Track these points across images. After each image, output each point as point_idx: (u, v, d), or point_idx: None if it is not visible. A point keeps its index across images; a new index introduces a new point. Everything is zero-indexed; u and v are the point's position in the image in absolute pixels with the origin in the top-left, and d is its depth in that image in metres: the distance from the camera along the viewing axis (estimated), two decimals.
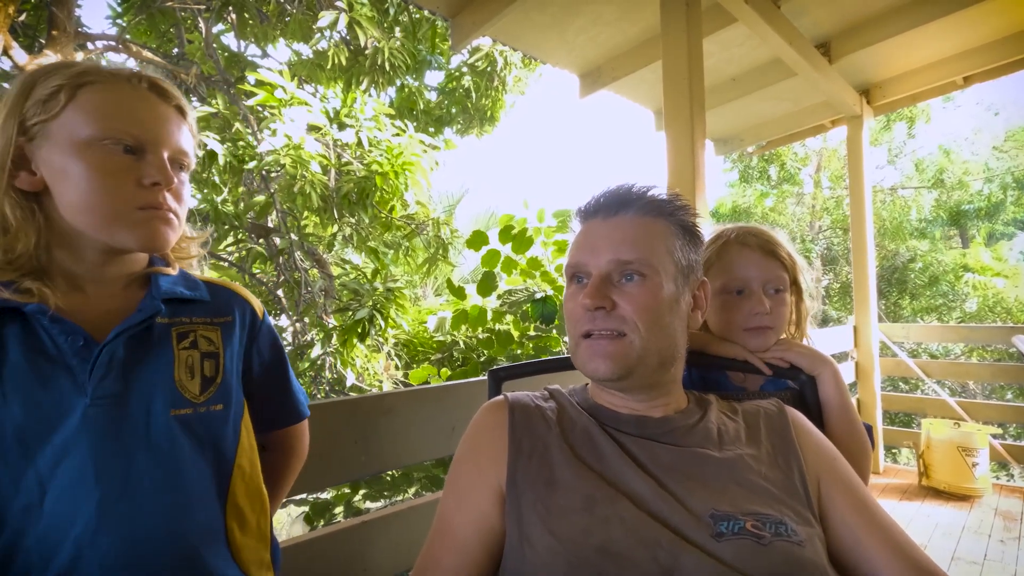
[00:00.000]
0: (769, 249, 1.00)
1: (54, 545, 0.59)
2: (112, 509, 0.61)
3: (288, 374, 0.87)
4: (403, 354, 4.61)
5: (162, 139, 0.69)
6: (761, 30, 2.25)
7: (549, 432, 0.73)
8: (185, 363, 0.70)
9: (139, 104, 0.68)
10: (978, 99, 14.31)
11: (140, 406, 0.65)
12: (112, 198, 0.65)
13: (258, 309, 0.83)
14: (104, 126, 0.65)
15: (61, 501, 0.59)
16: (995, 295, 8.97)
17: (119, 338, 0.65)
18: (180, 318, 0.72)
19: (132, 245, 0.68)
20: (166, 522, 0.64)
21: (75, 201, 0.65)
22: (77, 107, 0.65)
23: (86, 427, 0.61)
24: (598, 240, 0.74)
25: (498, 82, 5.93)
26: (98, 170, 0.64)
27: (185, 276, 0.78)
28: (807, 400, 0.94)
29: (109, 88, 0.67)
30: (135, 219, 0.66)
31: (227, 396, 0.73)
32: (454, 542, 0.68)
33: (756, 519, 0.62)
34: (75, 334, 0.63)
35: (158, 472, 0.64)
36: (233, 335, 0.77)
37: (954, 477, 3.19)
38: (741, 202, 11.66)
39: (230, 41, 5.32)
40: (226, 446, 0.72)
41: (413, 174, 4.16)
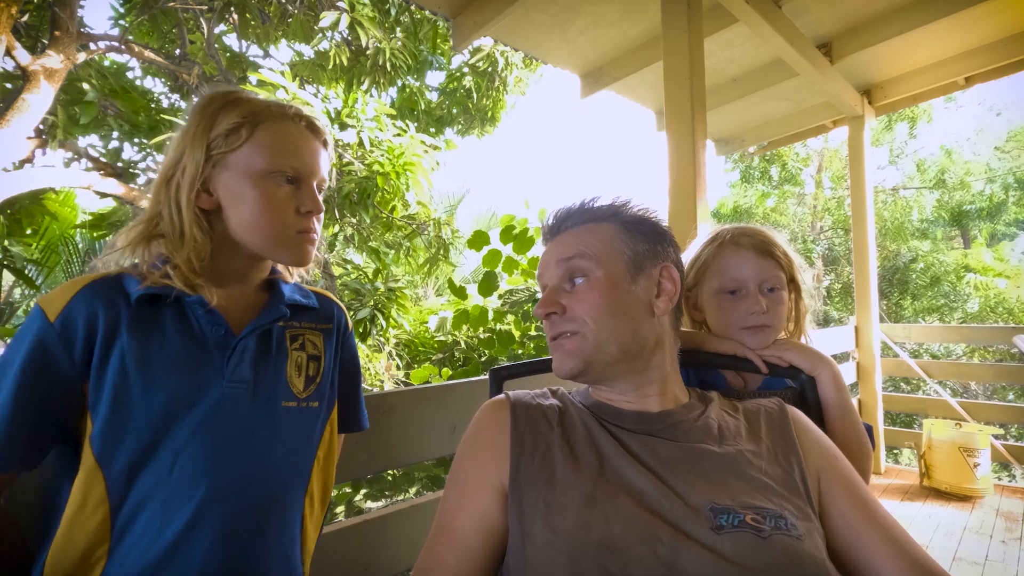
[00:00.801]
0: (764, 249, 1.00)
1: (176, 506, 0.68)
2: (231, 480, 0.71)
3: (359, 385, 0.98)
4: (404, 354, 4.62)
5: (314, 171, 0.81)
6: (762, 30, 2.25)
7: (551, 431, 0.74)
8: (295, 362, 0.82)
9: (300, 141, 0.80)
10: (980, 99, 14.33)
11: (262, 394, 0.76)
12: (278, 222, 0.78)
13: (348, 322, 0.95)
14: (275, 161, 0.77)
15: (190, 467, 0.69)
16: (997, 295, 8.96)
17: (252, 333, 0.77)
18: (293, 322, 0.84)
19: (287, 261, 0.82)
20: (269, 498, 0.75)
21: (246, 221, 0.77)
22: (254, 143, 0.76)
23: (220, 406, 0.72)
24: (548, 257, 0.81)
25: (499, 82, 5.94)
26: (269, 198, 0.77)
27: (299, 285, 0.90)
28: (807, 400, 0.94)
29: (279, 127, 0.79)
30: (294, 240, 0.79)
31: (322, 395, 0.84)
32: (456, 541, 0.68)
33: (756, 513, 0.63)
34: (219, 324, 0.75)
35: (267, 453, 0.75)
36: (332, 341, 0.88)
37: (955, 478, 3.18)
38: (742, 202, 11.66)
39: (232, 41, 5.33)
40: (314, 438, 0.83)
41: (414, 174, 4.16)
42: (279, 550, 0.76)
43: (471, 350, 3.88)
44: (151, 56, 4.73)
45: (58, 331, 0.67)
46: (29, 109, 3.94)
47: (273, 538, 0.75)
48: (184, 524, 0.67)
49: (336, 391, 0.89)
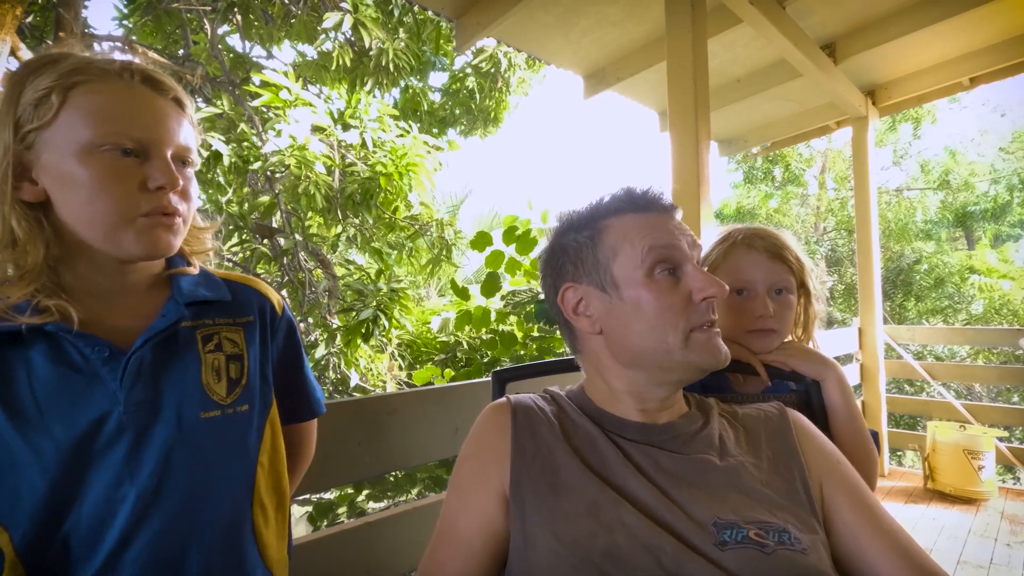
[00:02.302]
0: (776, 252, 0.99)
1: (94, 544, 0.61)
2: (148, 509, 0.63)
3: (303, 370, 0.88)
4: (407, 355, 4.62)
5: (164, 138, 0.65)
6: (766, 31, 2.25)
7: (552, 435, 0.73)
8: (211, 366, 0.71)
9: (135, 102, 0.64)
10: (984, 100, 14.29)
11: (171, 410, 0.66)
12: (117, 206, 0.62)
13: (277, 305, 0.83)
14: (101, 130, 0.61)
15: (100, 503, 0.61)
16: (1001, 297, 8.91)
17: (146, 345, 0.66)
18: (204, 320, 0.72)
19: (136, 254, 0.65)
20: (200, 520, 0.66)
21: (77, 212, 0.63)
22: (71, 110, 0.61)
23: (120, 432, 0.62)
24: (677, 232, 0.74)
25: (502, 83, 5.94)
26: (100, 178, 0.61)
27: (206, 275, 0.77)
28: (812, 404, 0.94)
29: (102, 87, 0.63)
30: (139, 227, 0.64)
31: (252, 396, 0.74)
32: (458, 544, 0.68)
33: (759, 527, 0.62)
34: (99, 345, 0.63)
35: (191, 473, 0.66)
36: (255, 334, 0.77)
37: (960, 480, 3.17)
38: (745, 203, 11.64)
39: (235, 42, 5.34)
40: (251, 444, 0.74)
41: (417, 175, 4.16)
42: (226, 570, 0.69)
43: (473, 351, 3.87)
44: (155, 57, 4.74)
45: None
46: None
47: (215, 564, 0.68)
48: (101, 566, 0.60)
49: (271, 385, 0.79)
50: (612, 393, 0.77)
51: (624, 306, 0.72)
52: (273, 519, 0.76)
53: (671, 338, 0.70)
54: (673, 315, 0.70)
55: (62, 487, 0.60)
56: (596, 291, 0.75)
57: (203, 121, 4.09)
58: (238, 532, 0.71)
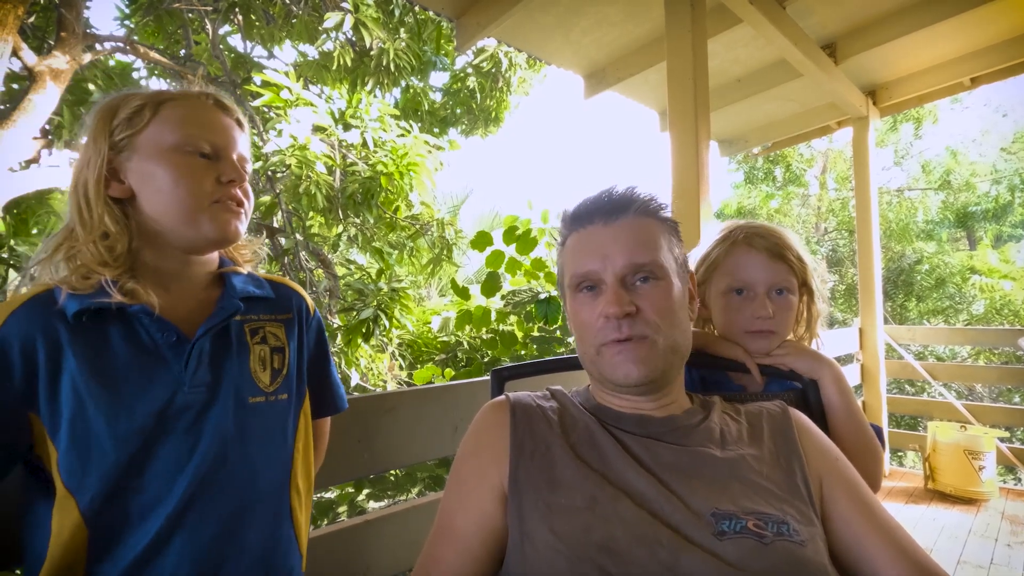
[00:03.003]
0: (777, 252, 0.98)
1: (152, 513, 0.67)
2: (203, 482, 0.69)
3: (329, 368, 0.95)
4: (407, 354, 4.62)
5: (231, 145, 0.78)
6: (766, 31, 2.25)
7: (551, 432, 0.73)
8: (259, 356, 0.79)
9: (211, 116, 0.78)
10: (986, 100, 14.22)
11: (227, 394, 0.74)
12: (195, 193, 0.73)
13: (310, 305, 0.92)
14: (185, 134, 0.74)
15: (161, 474, 0.68)
16: (1002, 297, 8.90)
17: (207, 334, 0.74)
18: (251, 315, 0.81)
19: (210, 235, 0.75)
20: (248, 497, 0.73)
21: (161, 200, 0.73)
22: (160, 120, 0.74)
23: (183, 411, 0.70)
24: (605, 245, 0.73)
25: (502, 83, 5.94)
26: (182, 171, 0.73)
27: (253, 276, 0.86)
28: (810, 402, 0.94)
29: (185, 103, 0.76)
30: (212, 211, 0.74)
31: (291, 386, 0.82)
32: (456, 541, 0.68)
33: (758, 518, 0.62)
34: (169, 330, 0.71)
35: (240, 451, 0.73)
36: (293, 330, 0.86)
37: (960, 480, 3.17)
38: (746, 203, 11.62)
39: (236, 42, 5.35)
40: (288, 430, 0.81)
41: (418, 175, 4.17)
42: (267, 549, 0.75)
43: (474, 351, 3.88)
44: (156, 57, 4.75)
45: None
46: (35, 110, 3.96)
47: (258, 539, 0.74)
48: (159, 529, 0.66)
49: (305, 379, 0.87)
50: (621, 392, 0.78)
51: (572, 322, 0.79)
52: (305, 503, 0.84)
53: (591, 351, 0.75)
54: (589, 332, 0.74)
55: (131, 458, 0.66)
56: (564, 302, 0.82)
57: None
58: (279, 511, 0.78)
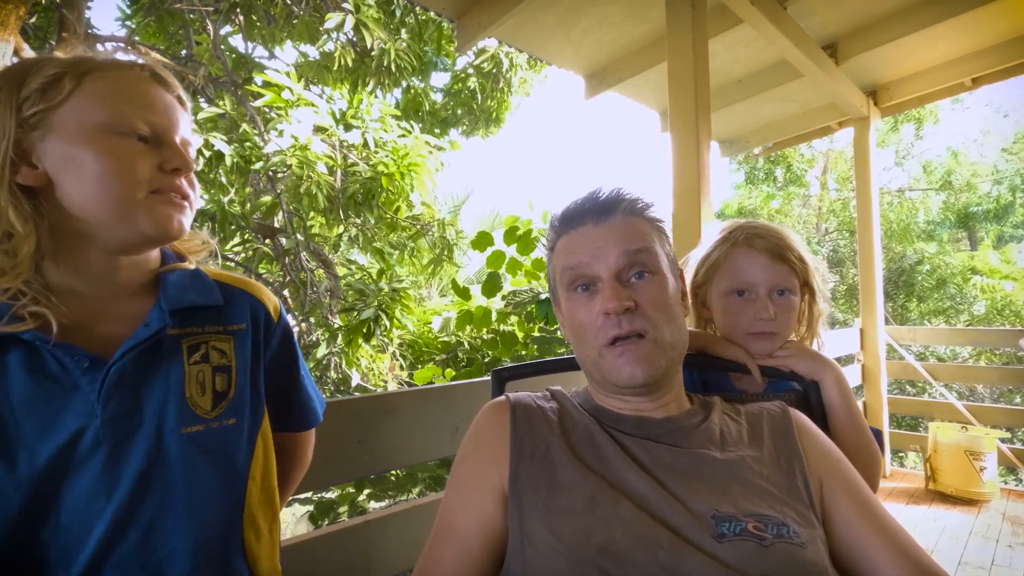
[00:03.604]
0: (778, 253, 0.98)
1: (72, 557, 0.59)
2: (124, 528, 0.60)
3: (299, 379, 0.84)
4: (408, 354, 4.62)
5: (174, 127, 0.67)
6: (767, 31, 2.24)
7: (551, 433, 0.73)
8: (196, 378, 0.67)
9: (149, 91, 0.65)
10: (987, 100, 14.21)
11: (151, 423, 0.63)
12: (129, 183, 0.62)
13: (273, 311, 0.79)
14: (118, 112, 0.62)
15: (76, 518, 0.59)
16: (1004, 298, 8.88)
17: (127, 355, 0.62)
18: (191, 328, 0.69)
19: (147, 232, 0.64)
20: (182, 538, 0.64)
21: (85, 190, 0.61)
22: (85, 94, 0.61)
23: (97, 447, 0.60)
24: (597, 243, 0.73)
25: (503, 83, 5.94)
26: (113, 156, 0.61)
27: (198, 276, 0.73)
28: (810, 403, 0.94)
29: (116, 75, 0.64)
30: (150, 204, 0.63)
31: (240, 409, 0.71)
32: (456, 542, 0.68)
33: (758, 520, 0.62)
34: (79, 356, 0.60)
35: (172, 489, 0.63)
36: (246, 343, 0.73)
37: (961, 481, 3.16)
38: (747, 204, 11.62)
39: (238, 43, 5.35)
40: (240, 458, 0.71)
41: (419, 175, 4.17)
42: None
43: (474, 351, 3.88)
44: (157, 57, 4.75)
45: None
46: None
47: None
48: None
49: (263, 397, 0.76)
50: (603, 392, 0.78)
51: (565, 321, 0.78)
52: (266, 533, 0.74)
53: (592, 353, 0.73)
54: (588, 332, 0.73)
55: (36, 501, 0.58)
56: (558, 306, 0.81)
57: (206, 121, 4.10)
58: (226, 549, 0.68)
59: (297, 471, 0.91)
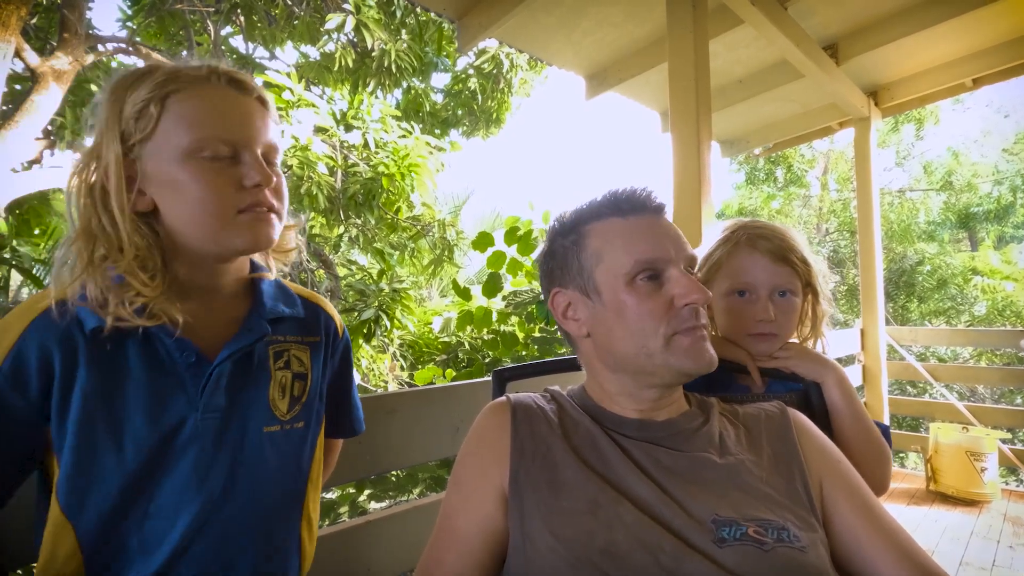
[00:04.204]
0: (780, 254, 0.97)
1: (153, 548, 0.62)
2: (209, 516, 0.65)
3: (352, 390, 0.91)
4: (408, 355, 4.63)
5: (253, 137, 0.68)
6: (768, 32, 2.24)
7: (552, 434, 0.73)
8: (279, 383, 0.73)
9: (225, 104, 0.67)
10: (988, 101, 14.25)
11: (239, 421, 0.69)
12: (217, 207, 0.65)
13: (340, 327, 0.86)
14: (199, 135, 0.64)
15: (166, 506, 0.63)
16: (1005, 298, 8.88)
17: (229, 358, 0.68)
18: (277, 336, 0.75)
19: (240, 248, 0.68)
20: (255, 531, 0.68)
21: (183, 214, 0.65)
22: (170, 118, 0.64)
23: (195, 438, 0.65)
24: (671, 235, 0.75)
25: (504, 84, 5.95)
26: (200, 180, 0.64)
27: (282, 288, 0.79)
28: (812, 404, 0.94)
29: (194, 92, 0.65)
30: (240, 223, 0.66)
31: (309, 414, 0.76)
32: (457, 542, 0.68)
33: (758, 525, 0.62)
34: (189, 351, 0.66)
35: (251, 483, 0.68)
36: (320, 354, 0.80)
37: (962, 482, 3.16)
38: (747, 204, 11.62)
39: (238, 43, 5.36)
40: (304, 460, 0.76)
41: (419, 175, 4.17)
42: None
43: (475, 351, 3.88)
44: (158, 58, 4.76)
45: (8, 375, 0.59)
46: (38, 110, 3.97)
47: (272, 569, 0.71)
48: (162, 564, 0.62)
49: (324, 405, 0.82)
50: (607, 393, 0.77)
51: (606, 311, 0.73)
52: (315, 532, 0.79)
53: (652, 342, 0.70)
54: (654, 320, 0.70)
55: (134, 485, 0.62)
56: (581, 296, 0.76)
57: None
58: (288, 544, 0.73)
59: (328, 473, 0.96)
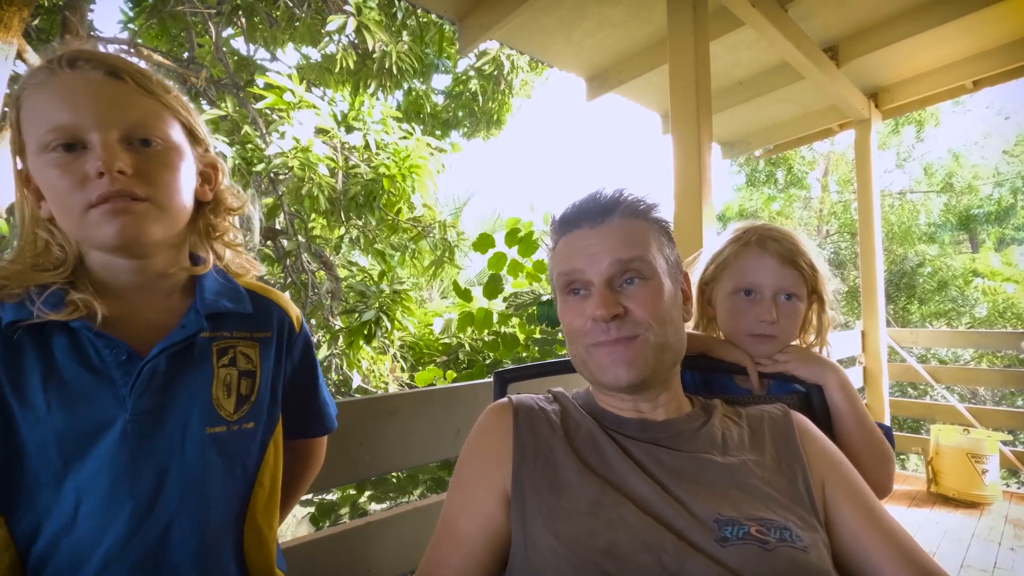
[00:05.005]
0: (789, 257, 0.97)
1: (84, 554, 0.60)
2: (142, 522, 0.61)
3: (317, 386, 0.87)
4: (409, 356, 4.62)
5: (98, 119, 0.60)
6: (768, 33, 2.25)
7: (553, 435, 0.73)
8: (223, 381, 0.69)
9: (62, 92, 0.60)
10: (988, 103, 14.26)
11: (177, 422, 0.65)
12: (67, 204, 0.61)
13: (295, 321, 0.82)
14: (38, 132, 0.60)
15: (95, 512, 0.60)
16: (1005, 300, 8.88)
17: (162, 354, 0.64)
18: (221, 332, 0.71)
19: (106, 245, 0.63)
20: (192, 537, 0.64)
21: (57, 217, 0.63)
22: (23, 122, 0.62)
23: (124, 441, 0.61)
24: (591, 247, 0.73)
25: (504, 85, 5.95)
26: (49, 178, 0.60)
27: (227, 282, 0.75)
28: (814, 406, 0.94)
29: (37, 87, 0.61)
30: (92, 220, 0.60)
31: (259, 414, 0.73)
32: (459, 543, 0.68)
33: (761, 524, 0.62)
34: (118, 348, 0.62)
35: (188, 487, 0.64)
36: (270, 350, 0.76)
37: (963, 484, 3.16)
38: (748, 206, 11.62)
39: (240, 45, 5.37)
40: (251, 463, 0.72)
41: (420, 177, 4.17)
42: None
43: (475, 352, 3.87)
44: (160, 59, 4.76)
45: None
46: None
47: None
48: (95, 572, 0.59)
49: (279, 403, 0.77)
50: (602, 394, 0.79)
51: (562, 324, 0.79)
52: (266, 538, 0.74)
53: (580, 353, 0.75)
54: (578, 334, 0.74)
55: (61, 485, 0.59)
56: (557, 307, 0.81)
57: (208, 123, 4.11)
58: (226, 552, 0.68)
59: (309, 473, 0.93)
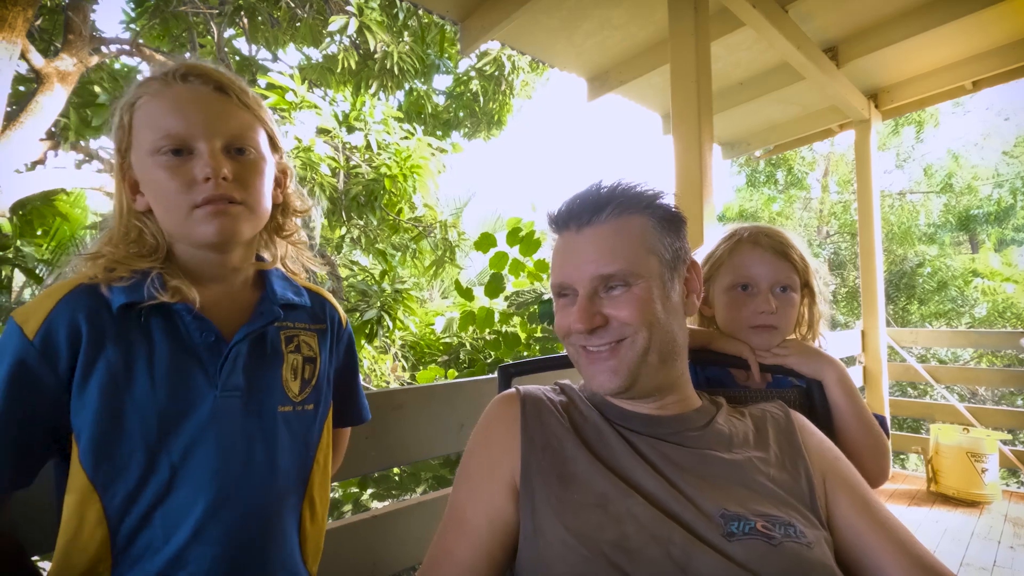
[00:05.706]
0: (781, 250, 1.00)
1: (177, 522, 0.65)
2: (231, 492, 0.68)
3: (357, 379, 0.95)
4: (410, 355, 4.63)
5: (206, 130, 0.68)
6: (769, 34, 2.26)
7: (561, 426, 0.74)
8: (291, 365, 0.77)
9: (175, 103, 0.68)
10: (988, 104, 14.29)
11: (256, 401, 0.72)
12: (173, 203, 0.68)
13: (343, 318, 0.90)
14: (151, 136, 0.67)
15: (189, 482, 0.66)
16: (1005, 300, 8.89)
17: (245, 338, 0.72)
18: (287, 323, 0.79)
19: (205, 241, 0.70)
20: (265, 509, 0.71)
21: (157, 210, 0.70)
22: (137, 126, 0.69)
23: (215, 416, 0.68)
24: (577, 255, 0.72)
25: (506, 86, 5.97)
26: (158, 179, 0.68)
27: (288, 280, 0.83)
28: (814, 400, 0.95)
29: (150, 96, 0.69)
30: (196, 219, 0.68)
31: (318, 397, 0.80)
32: (467, 533, 0.68)
33: (766, 520, 0.63)
34: (209, 331, 0.69)
35: (267, 461, 0.71)
36: (326, 341, 0.84)
37: (963, 483, 3.16)
38: (748, 206, 11.63)
39: (241, 45, 5.39)
40: (312, 442, 0.79)
41: (421, 177, 4.19)
42: (280, 559, 0.73)
43: (477, 352, 3.88)
44: (162, 59, 4.78)
45: (39, 348, 0.61)
46: (42, 111, 3.99)
47: (275, 547, 0.73)
48: (186, 539, 0.65)
49: (331, 390, 0.85)
50: None
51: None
52: (320, 514, 0.81)
53: (572, 353, 0.77)
54: (567, 334, 0.75)
55: (158, 457, 0.65)
56: None
57: None
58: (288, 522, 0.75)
59: (337, 461, 0.98)
